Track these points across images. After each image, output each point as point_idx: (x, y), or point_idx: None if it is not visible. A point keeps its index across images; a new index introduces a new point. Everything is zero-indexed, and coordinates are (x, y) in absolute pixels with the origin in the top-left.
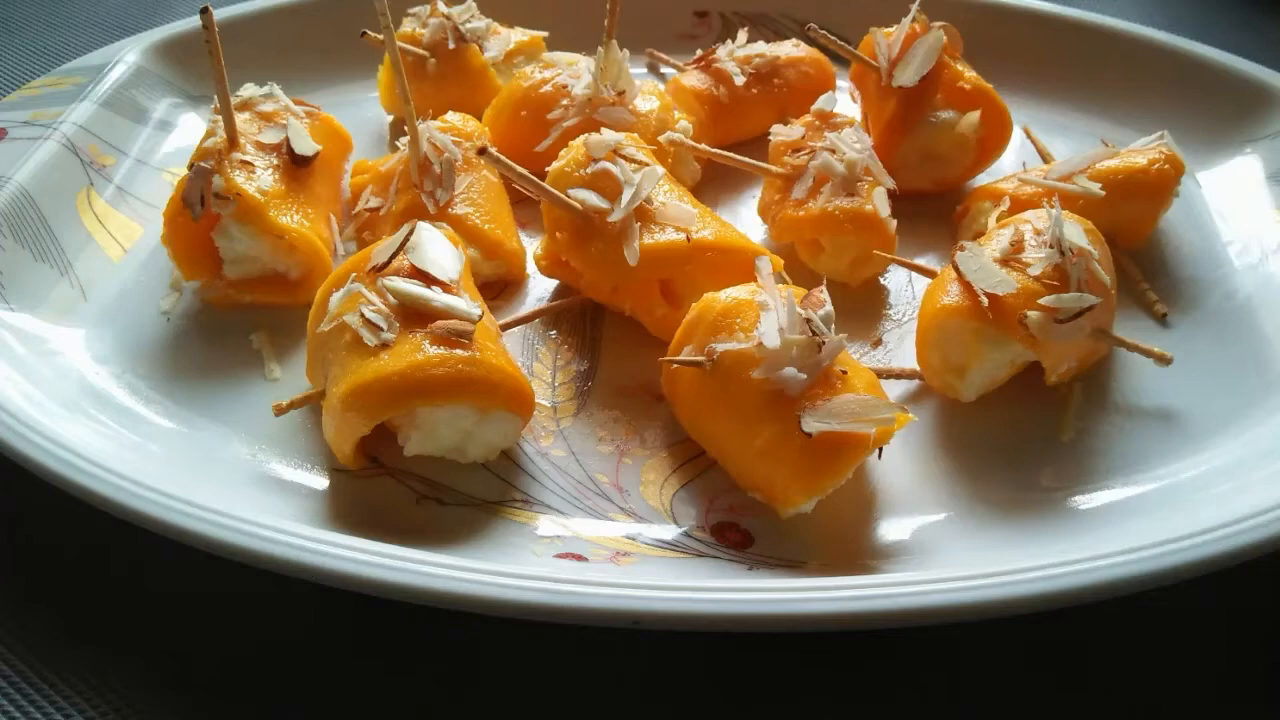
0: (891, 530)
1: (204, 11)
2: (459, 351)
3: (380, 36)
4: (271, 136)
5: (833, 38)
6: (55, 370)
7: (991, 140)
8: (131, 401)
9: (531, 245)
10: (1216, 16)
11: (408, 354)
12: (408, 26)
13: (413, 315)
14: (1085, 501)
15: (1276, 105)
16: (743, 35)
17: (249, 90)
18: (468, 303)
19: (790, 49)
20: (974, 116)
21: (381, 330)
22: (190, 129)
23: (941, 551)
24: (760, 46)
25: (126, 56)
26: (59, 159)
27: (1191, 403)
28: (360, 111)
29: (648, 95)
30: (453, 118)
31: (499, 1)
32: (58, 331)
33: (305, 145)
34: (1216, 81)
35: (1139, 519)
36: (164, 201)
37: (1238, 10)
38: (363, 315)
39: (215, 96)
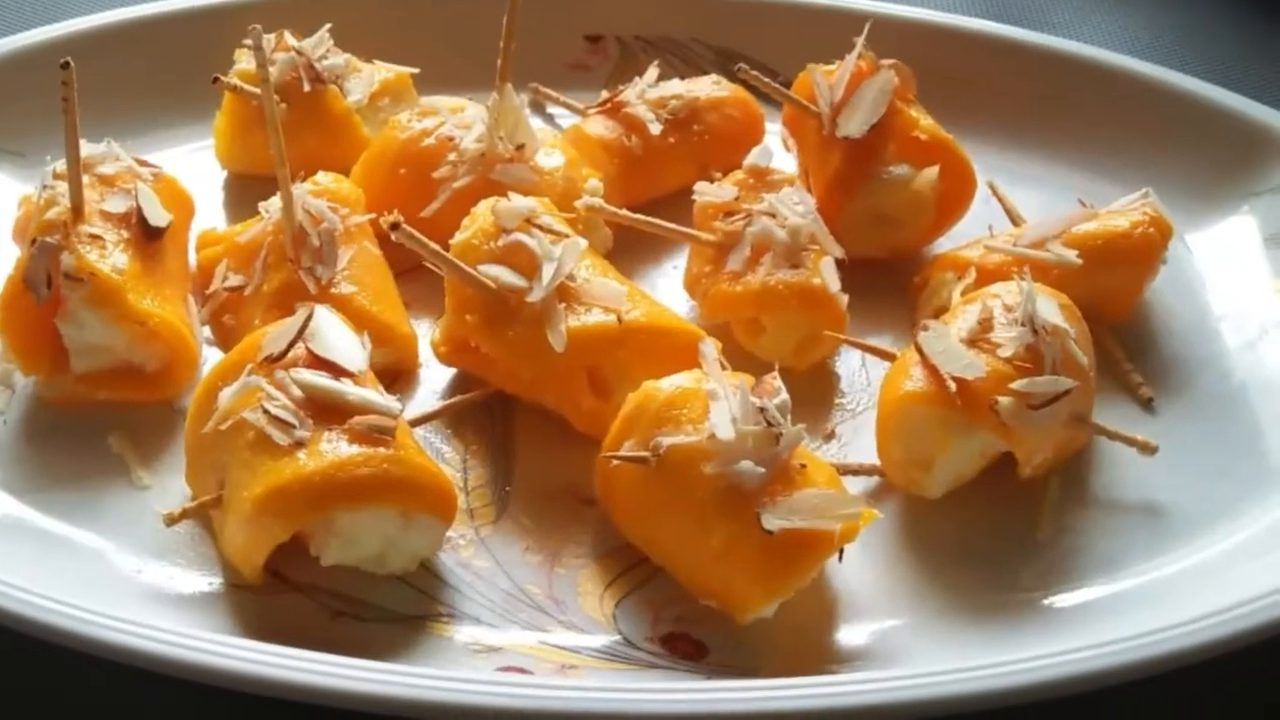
0: (854, 635)
1: (64, 67)
2: (381, 450)
3: (233, 82)
4: (117, 204)
5: (765, 79)
6: None
7: (952, 198)
8: None
9: (420, 328)
10: (1218, 30)
11: (327, 453)
12: (245, 63)
13: (324, 410)
14: (1061, 602)
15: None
16: (653, 72)
17: (85, 149)
18: (385, 396)
19: (710, 87)
20: (932, 172)
21: (294, 427)
22: None
23: (908, 656)
24: (675, 86)
25: None
26: None
27: (1178, 496)
28: (182, 164)
29: (550, 149)
30: (324, 179)
31: (351, 31)
32: None
33: (158, 215)
34: (1211, 123)
35: (1118, 618)
36: None
37: (1244, 24)
38: (267, 412)
39: (62, 161)
